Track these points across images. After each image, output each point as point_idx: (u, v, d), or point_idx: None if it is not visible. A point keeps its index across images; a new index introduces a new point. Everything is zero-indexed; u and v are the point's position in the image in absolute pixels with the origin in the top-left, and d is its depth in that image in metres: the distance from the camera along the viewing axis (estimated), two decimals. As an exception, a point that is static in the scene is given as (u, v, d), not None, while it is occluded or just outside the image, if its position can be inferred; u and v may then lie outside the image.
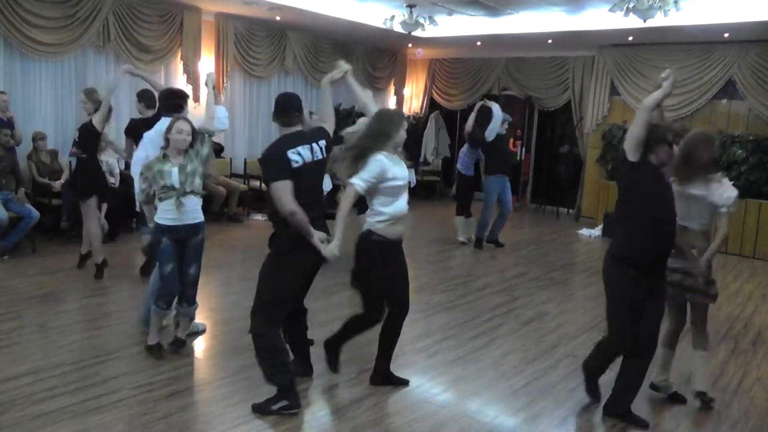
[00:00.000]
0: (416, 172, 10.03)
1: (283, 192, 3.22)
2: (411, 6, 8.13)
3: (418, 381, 3.79)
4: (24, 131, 6.85)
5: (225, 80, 9.27)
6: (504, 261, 7.40)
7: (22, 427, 3.08)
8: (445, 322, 5.01)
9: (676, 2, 6.43)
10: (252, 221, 8.81)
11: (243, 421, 3.27)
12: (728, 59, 8.91)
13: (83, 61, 7.73)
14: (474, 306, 5.54)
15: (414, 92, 12.85)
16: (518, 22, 8.91)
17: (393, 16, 8.40)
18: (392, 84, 12.48)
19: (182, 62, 8.65)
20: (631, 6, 6.38)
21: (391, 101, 12.56)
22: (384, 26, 8.57)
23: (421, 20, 8.34)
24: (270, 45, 9.80)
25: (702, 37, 8.63)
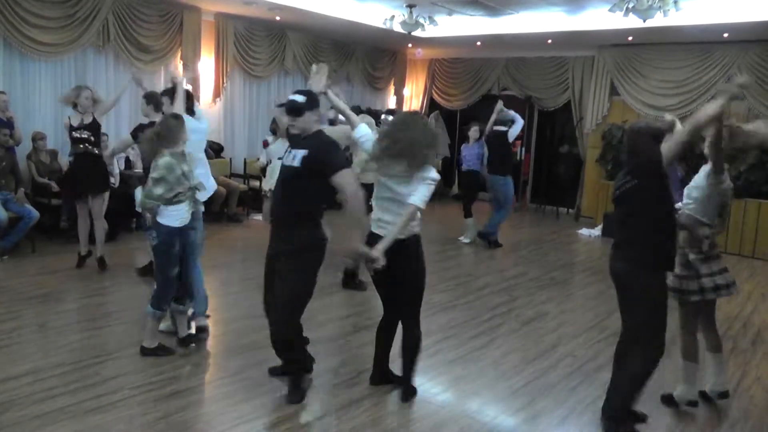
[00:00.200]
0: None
1: (354, 177, 3.28)
2: (411, 6, 8.13)
3: (418, 381, 3.78)
4: (23, 131, 6.85)
5: (225, 80, 9.28)
6: (504, 261, 7.40)
7: (22, 427, 3.08)
8: (445, 322, 5.01)
9: (676, 2, 6.44)
10: (252, 221, 8.80)
11: (243, 421, 3.27)
12: (728, 59, 8.92)
13: (83, 61, 7.72)
14: (474, 306, 5.54)
15: (414, 92, 12.85)
16: (518, 22, 8.91)
17: (393, 16, 8.40)
18: (392, 84, 12.48)
19: (182, 62, 8.65)
20: (631, 6, 6.39)
21: (391, 101, 12.57)
22: (384, 26, 8.57)
23: (421, 20, 8.34)
24: (270, 45, 9.80)
25: (701, 37, 8.64)
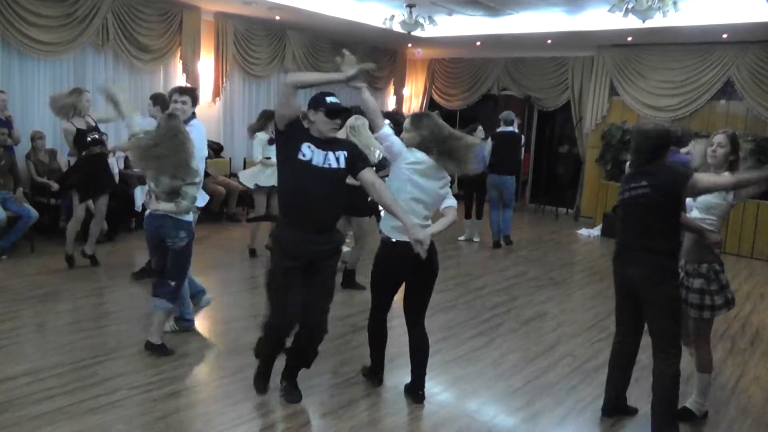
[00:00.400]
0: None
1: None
2: (411, 6, 8.12)
3: (418, 381, 3.78)
4: (22, 130, 6.84)
5: (224, 80, 9.27)
6: (503, 261, 7.40)
7: (21, 428, 3.08)
8: (444, 322, 5.00)
9: (675, 3, 6.45)
10: (251, 221, 8.78)
11: (243, 421, 3.27)
12: (727, 60, 8.93)
13: (82, 61, 7.72)
14: (473, 306, 5.54)
15: (413, 92, 12.84)
16: (518, 22, 8.91)
17: (393, 16, 8.39)
18: (392, 84, 12.47)
19: (181, 62, 8.65)
20: (630, 6, 6.39)
21: (391, 101, 12.57)
22: (383, 26, 8.57)
23: (421, 20, 8.34)
24: (269, 44, 9.79)
25: (700, 38, 8.65)
